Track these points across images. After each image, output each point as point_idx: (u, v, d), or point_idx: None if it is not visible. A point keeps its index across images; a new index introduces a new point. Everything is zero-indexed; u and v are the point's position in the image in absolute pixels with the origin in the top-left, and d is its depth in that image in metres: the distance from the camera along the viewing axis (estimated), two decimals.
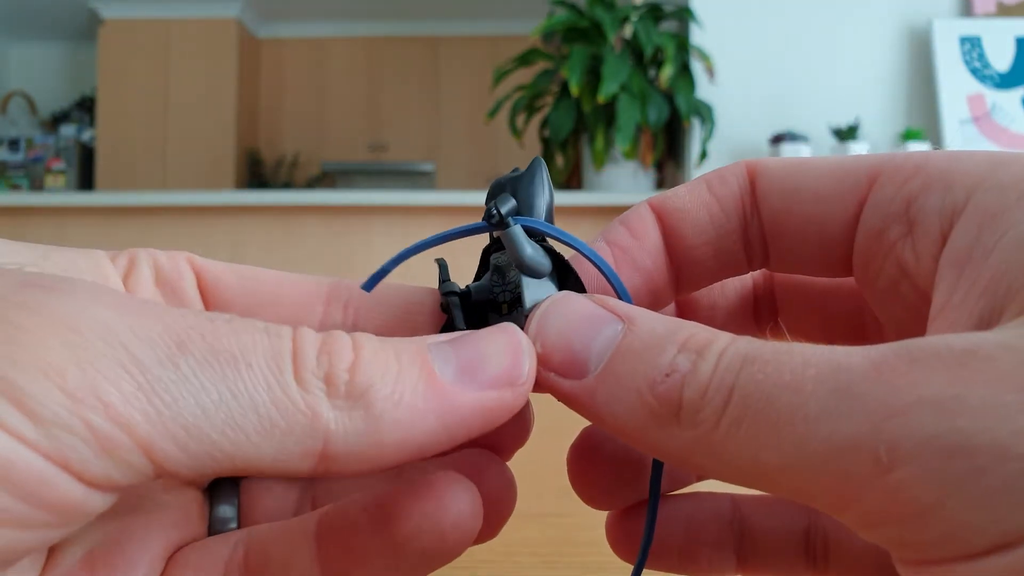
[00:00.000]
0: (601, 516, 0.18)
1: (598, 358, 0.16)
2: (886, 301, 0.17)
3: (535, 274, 0.18)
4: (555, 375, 0.16)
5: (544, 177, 0.19)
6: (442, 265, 0.19)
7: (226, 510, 0.19)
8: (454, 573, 0.24)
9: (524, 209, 0.18)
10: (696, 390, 0.14)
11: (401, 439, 0.14)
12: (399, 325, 0.19)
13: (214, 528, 0.18)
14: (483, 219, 0.18)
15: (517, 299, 0.18)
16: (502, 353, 0.16)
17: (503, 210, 0.18)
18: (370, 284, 0.19)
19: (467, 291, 0.19)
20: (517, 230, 0.18)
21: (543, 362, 0.16)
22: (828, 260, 0.18)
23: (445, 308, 0.19)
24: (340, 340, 0.15)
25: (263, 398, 0.13)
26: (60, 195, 2.29)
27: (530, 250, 0.18)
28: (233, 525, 0.19)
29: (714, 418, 0.14)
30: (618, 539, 0.20)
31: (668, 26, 2.19)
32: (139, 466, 0.12)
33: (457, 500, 0.15)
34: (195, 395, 0.13)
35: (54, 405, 0.12)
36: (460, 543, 0.15)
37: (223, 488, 0.19)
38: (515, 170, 0.19)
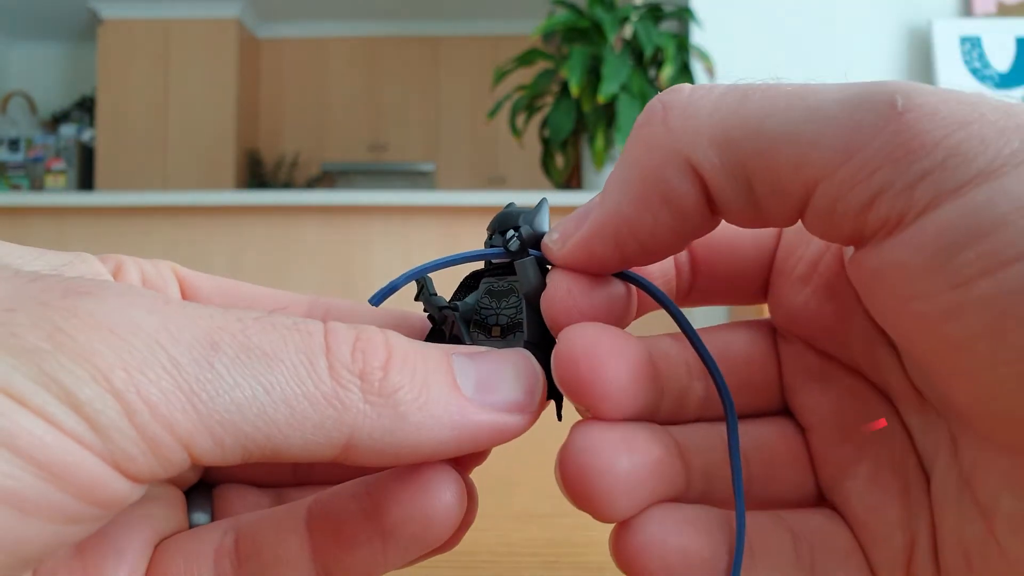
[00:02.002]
0: None
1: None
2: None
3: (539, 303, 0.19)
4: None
5: (548, 214, 0.20)
6: (428, 279, 0.19)
7: (200, 517, 0.19)
8: (454, 573, 0.24)
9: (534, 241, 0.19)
10: None
11: (417, 443, 0.15)
12: None
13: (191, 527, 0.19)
14: (503, 246, 0.19)
15: (515, 325, 0.19)
16: (520, 378, 0.16)
17: (525, 239, 0.19)
18: (378, 299, 0.19)
19: (456, 307, 0.19)
20: (533, 261, 0.19)
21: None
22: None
23: (440, 321, 0.19)
24: (374, 337, 0.15)
25: (295, 391, 0.14)
26: (60, 195, 2.29)
27: (539, 281, 0.18)
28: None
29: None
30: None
31: (668, 26, 2.19)
32: (179, 461, 0.13)
33: (444, 488, 0.16)
34: (229, 392, 0.13)
35: (108, 409, 0.12)
36: (446, 530, 0.16)
37: (197, 494, 0.20)
38: (510, 205, 0.20)
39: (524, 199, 1.98)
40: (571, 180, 2.22)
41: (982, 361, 0.13)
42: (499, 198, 2.12)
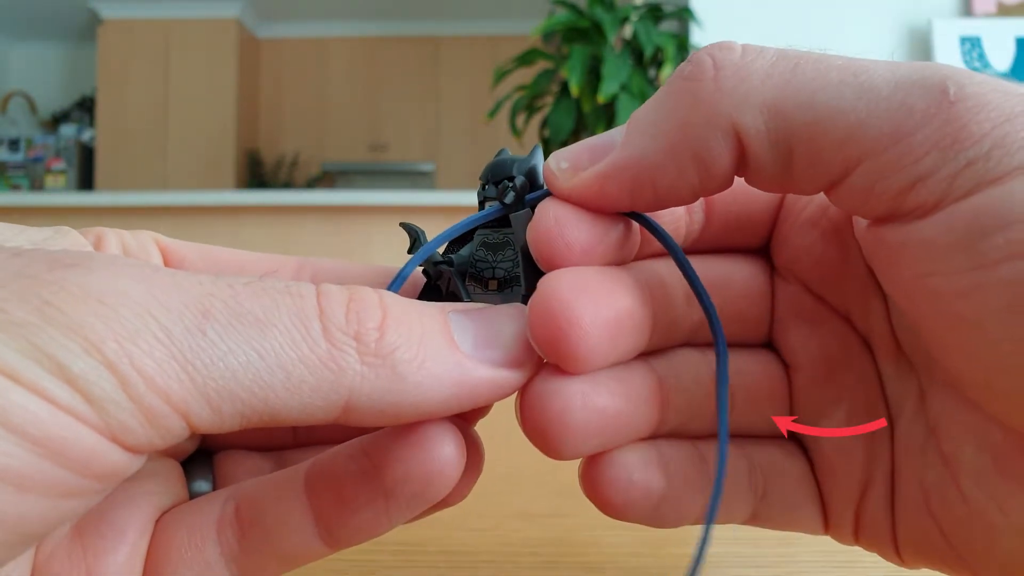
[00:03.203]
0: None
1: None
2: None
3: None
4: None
5: (542, 160, 0.19)
6: (420, 231, 0.19)
7: (202, 485, 0.19)
8: (455, 573, 0.24)
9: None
10: None
11: (417, 401, 0.15)
12: None
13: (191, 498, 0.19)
14: (497, 198, 0.18)
15: (513, 278, 0.18)
16: (517, 335, 0.16)
17: (519, 189, 0.18)
18: (396, 285, 0.18)
19: (451, 261, 0.19)
20: (529, 213, 0.18)
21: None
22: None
23: (435, 277, 0.19)
24: (368, 298, 0.15)
25: (290, 356, 0.14)
26: (60, 195, 2.29)
27: None
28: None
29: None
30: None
31: (668, 26, 2.19)
32: (177, 430, 0.13)
33: (443, 444, 0.16)
34: (224, 359, 0.13)
35: (102, 381, 0.12)
36: (447, 485, 0.16)
37: (197, 463, 0.20)
38: (502, 152, 0.19)
39: None
40: None
41: (988, 340, 0.14)
42: None
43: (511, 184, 0.18)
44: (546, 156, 0.18)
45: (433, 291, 0.19)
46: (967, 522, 0.16)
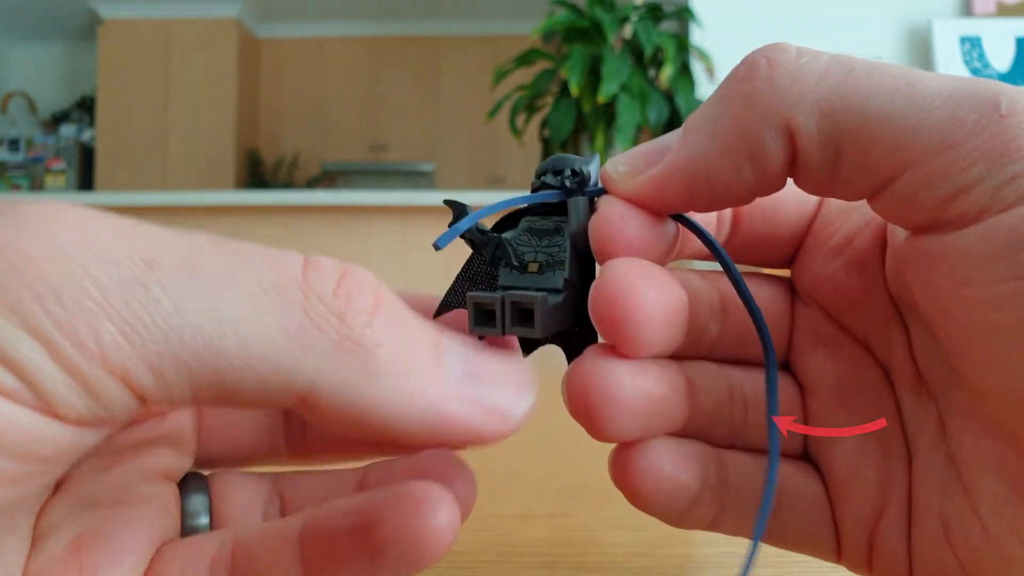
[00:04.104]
0: (601, 516, 0.18)
1: None
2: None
3: (586, 245, 0.18)
4: None
5: (599, 166, 0.19)
6: (466, 206, 0.19)
7: (196, 502, 0.19)
8: (454, 573, 0.24)
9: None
10: None
11: (383, 413, 0.13)
12: None
13: (186, 522, 0.19)
14: (561, 182, 0.19)
15: (556, 263, 0.18)
16: (512, 382, 0.16)
17: (585, 176, 0.18)
18: (443, 241, 0.18)
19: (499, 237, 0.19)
20: (586, 200, 0.18)
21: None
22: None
23: (482, 244, 0.19)
24: (364, 277, 0.14)
25: (249, 321, 0.12)
26: (60, 195, 2.29)
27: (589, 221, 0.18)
28: (204, 519, 0.19)
29: None
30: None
31: (668, 26, 2.19)
32: (120, 398, 0.12)
33: (436, 511, 0.15)
34: (166, 318, 0.12)
35: (27, 351, 0.11)
36: (438, 551, 0.15)
37: (192, 482, 0.20)
38: (556, 155, 0.20)
39: None
40: None
41: (1022, 349, 0.14)
42: (499, 198, 2.12)
43: (576, 173, 0.19)
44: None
45: (474, 263, 0.19)
46: (986, 553, 0.16)
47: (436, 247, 0.17)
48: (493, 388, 0.15)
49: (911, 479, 0.18)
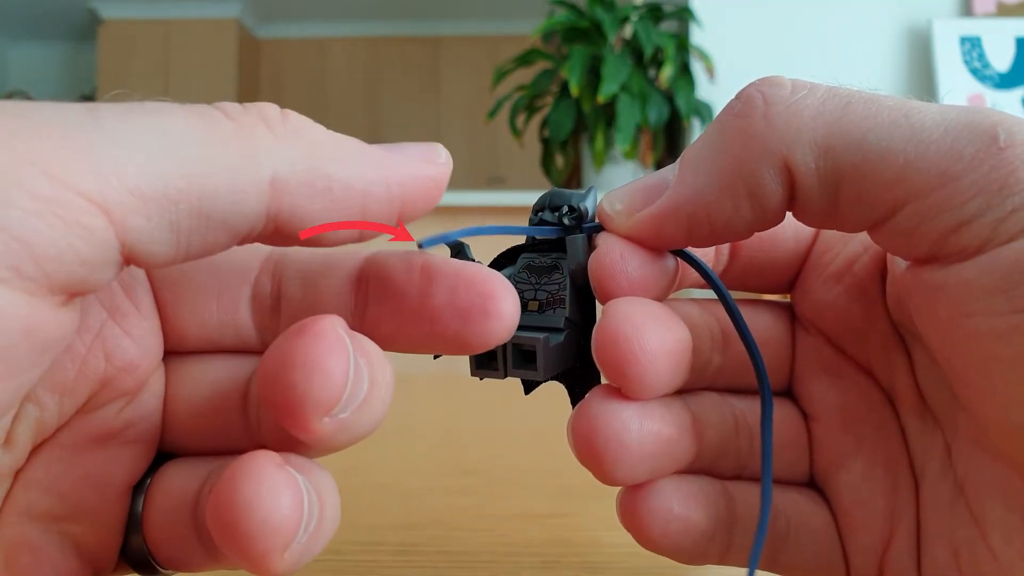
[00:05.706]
0: (601, 516, 0.19)
1: None
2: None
3: (585, 282, 0.18)
4: None
5: (596, 201, 0.19)
6: (466, 246, 0.19)
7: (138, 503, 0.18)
8: (455, 573, 0.24)
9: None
10: None
11: (345, 176, 0.15)
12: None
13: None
14: (559, 218, 0.19)
15: (556, 301, 0.19)
16: (423, 146, 0.16)
17: (581, 213, 0.18)
18: (429, 242, 0.18)
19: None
20: (585, 238, 0.18)
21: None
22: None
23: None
24: (269, 105, 0.15)
25: (195, 131, 0.13)
26: None
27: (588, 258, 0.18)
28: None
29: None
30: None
31: (668, 26, 2.19)
32: (99, 229, 0.12)
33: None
34: (127, 137, 0.12)
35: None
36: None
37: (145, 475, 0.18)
38: (552, 190, 0.20)
39: (524, 199, 1.97)
40: (571, 180, 2.22)
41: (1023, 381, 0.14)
42: (499, 198, 2.12)
43: (574, 211, 0.19)
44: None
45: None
46: None
47: (420, 246, 0.17)
48: (415, 147, 0.16)
49: (919, 505, 0.18)
